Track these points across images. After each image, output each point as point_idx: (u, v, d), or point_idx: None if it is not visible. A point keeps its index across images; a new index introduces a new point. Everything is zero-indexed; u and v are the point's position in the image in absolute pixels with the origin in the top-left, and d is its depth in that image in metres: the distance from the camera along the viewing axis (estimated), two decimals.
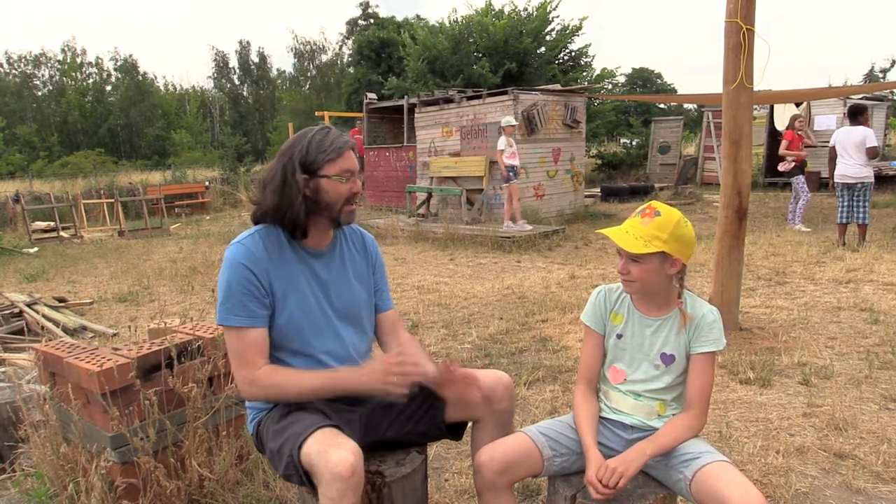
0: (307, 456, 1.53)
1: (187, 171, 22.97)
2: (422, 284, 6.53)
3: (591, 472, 1.58)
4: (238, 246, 1.74)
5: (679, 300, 1.72)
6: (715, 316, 1.70)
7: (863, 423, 2.91)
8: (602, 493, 1.53)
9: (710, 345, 1.67)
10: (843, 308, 4.82)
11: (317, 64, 44.28)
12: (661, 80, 40.70)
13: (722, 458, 1.57)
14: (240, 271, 1.70)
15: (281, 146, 1.81)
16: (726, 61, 4.10)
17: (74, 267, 9.08)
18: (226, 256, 1.75)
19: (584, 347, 1.85)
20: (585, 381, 1.83)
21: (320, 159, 1.72)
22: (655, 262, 1.64)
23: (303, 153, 1.72)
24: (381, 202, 14.69)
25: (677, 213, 1.67)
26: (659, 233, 1.62)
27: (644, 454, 1.60)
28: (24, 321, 5.34)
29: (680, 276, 1.70)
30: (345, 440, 1.54)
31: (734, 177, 4.18)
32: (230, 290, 1.70)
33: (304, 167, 1.72)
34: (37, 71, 44.47)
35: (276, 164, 1.76)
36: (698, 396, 1.68)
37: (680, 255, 1.65)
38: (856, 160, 7.29)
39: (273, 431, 1.70)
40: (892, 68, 30.66)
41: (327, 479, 1.46)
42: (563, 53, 19.71)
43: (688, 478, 1.55)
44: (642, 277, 1.66)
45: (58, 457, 2.27)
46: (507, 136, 9.47)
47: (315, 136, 1.74)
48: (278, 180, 1.72)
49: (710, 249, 6.43)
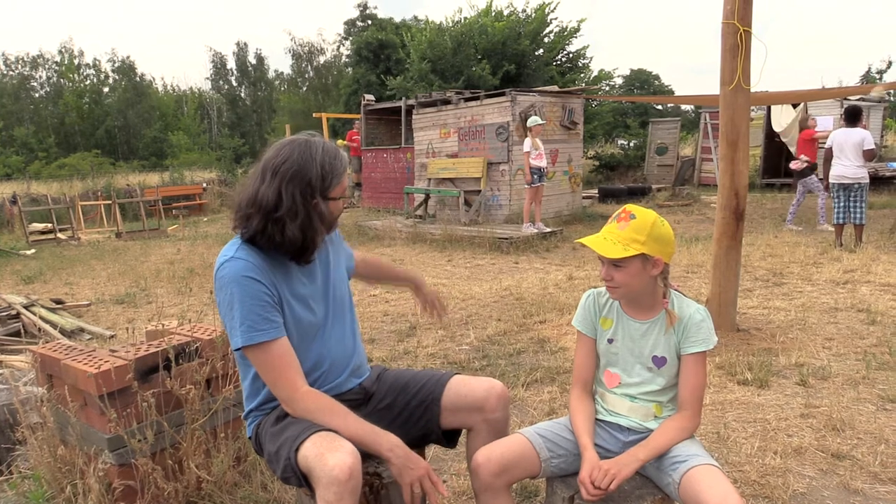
0: (304, 459, 1.52)
1: (185, 173, 22.95)
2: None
3: (584, 471, 1.59)
4: (235, 262, 1.64)
5: (665, 300, 1.72)
6: (703, 315, 1.69)
7: (860, 423, 2.92)
8: (592, 493, 1.54)
9: (700, 345, 1.67)
10: (840, 309, 4.83)
11: (315, 65, 44.27)
12: (658, 81, 40.75)
13: (709, 461, 1.56)
14: (249, 285, 1.62)
15: (272, 160, 1.66)
16: (723, 62, 4.11)
17: (72, 269, 9.06)
18: (224, 276, 1.63)
19: (577, 352, 1.86)
20: (580, 385, 1.83)
21: (333, 183, 1.68)
22: (637, 265, 1.64)
23: (318, 179, 1.65)
24: (378, 203, 14.69)
25: (653, 213, 1.67)
26: (636, 235, 1.63)
27: (637, 459, 1.60)
28: (21, 323, 5.32)
29: (664, 276, 1.70)
30: (342, 443, 1.53)
31: (731, 178, 4.19)
32: (246, 306, 1.60)
33: (320, 192, 1.66)
34: (34, 72, 44.45)
35: (287, 191, 1.63)
36: (691, 397, 1.68)
37: (660, 255, 1.65)
38: (853, 161, 7.32)
39: (271, 434, 1.69)
40: (888, 69, 30.74)
41: (325, 482, 1.45)
42: (562, 55, 19.76)
43: (676, 481, 1.56)
44: (626, 282, 1.66)
45: (55, 459, 2.27)
46: (535, 136, 9.06)
47: (322, 156, 1.66)
48: (303, 216, 1.64)
49: (707, 250, 6.44)
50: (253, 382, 1.79)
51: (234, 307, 1.61)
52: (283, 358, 1.64)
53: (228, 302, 1.63)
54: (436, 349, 4.34)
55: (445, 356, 4.18)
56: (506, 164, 10.83)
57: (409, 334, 4.76)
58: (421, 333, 4.76)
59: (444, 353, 4.24)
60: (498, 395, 1.84)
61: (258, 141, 43.14)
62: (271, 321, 1.63)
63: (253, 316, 1.61)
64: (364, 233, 10.77)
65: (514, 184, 10.73)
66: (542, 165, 9.20)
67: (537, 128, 9.10)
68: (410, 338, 4.67)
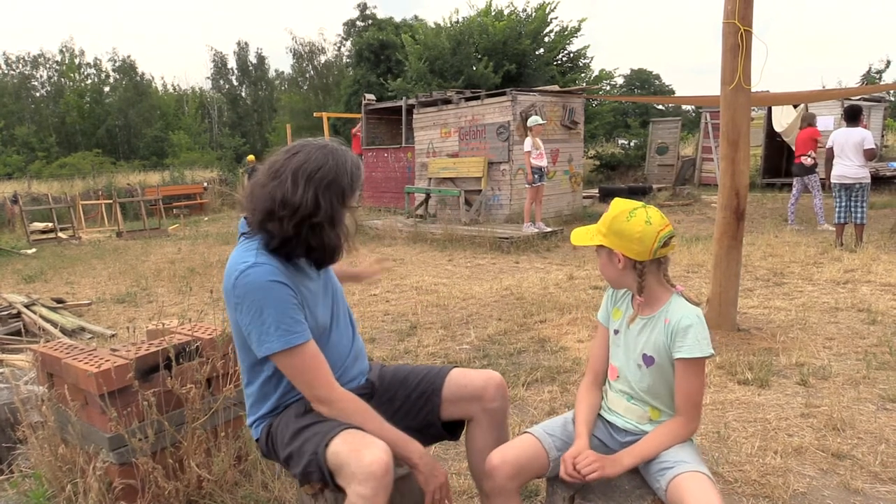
0: (335, 455, 1.52)
1: (186, 172, 22.97)
2: (420, 285, 6.53)
3: (570, 451, 1.61)
4: (261, 267, 1.59)
5: (672, 291, 1.70)
6: (691, 321, 1.61)
7: (861, 423, 2.92)
8: (570, 474, 1.56)
9: (684, 351, 1.60)
10: (840, 308, 4.83)
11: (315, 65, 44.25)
12: (659, 81, 40.77)
13: (697, 468, 1.54)
14: (277, 289, 1.59)
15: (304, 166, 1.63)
16: (724, 62, 4.11)
17: (73, 268, 9.07)
18: (250, 282, 1.58)
19: (593, 342, 1.89)
20: (591, 375, 1.85)
21: (357, 193, 1.71)
22: (604, 256, 1.71)
23: (349, 187, 1.67)
24: (379, 203, 14.69)
25: (625, 208, 1.63)
26: (601, 227, 1.68)
27: (621, 465, 1.60)
28: (22, 322, 5.33)
29: (639, 272, 1.64)
30: (374, 439, 1.54)
31: (732, 177, 4.19)
32: (279, 310, 1.58)
33: (347, 200, 1.68)
34: (35, 72, 44.42)
35: (325, 197, 1.62)
36: (684, 403, 1.65)
37: (621, 250, 1.63)
38: (854, 161, 7.32)
39: (292, 431, 1.68)
40: (887, 69, 30.70)
41: (360, 477, 1.45)
42: (562, 54, 19.73)
43: (663, 487, 1.56)
44: (601, 270, 1.75)
45: (56, 458, 2.27)
46: (535, 136, 9.06)
47: (351, 166, 1.68)
48: (339, 222, 1.66)
49: (708, 250, 6.44)
50: (262, 388, 1.77)
51: (264, 312, 1.58)
52: (316, 358, 1.64)
53: (258, 308, 1.58)
54: (436, 348, 4.34)
55: (446, 355, 4.18)
56: (506, 163, 10.83)
57: (410, 334, 4.76)
58: (422, 333, 4.76)
59: (445, 353, 4.24)
60: (496, 385, 1.86)
61: (259, 140, 43.12)
62: (303, 323, 1.63)
63: (287, 319, 1.59)
64: (365, 232, 10.77)
65: (515, 183, 10.73)
66: (543, 165, 9.20)
67: (538, 127, 9.09)
68: (411, 337, 4.67)
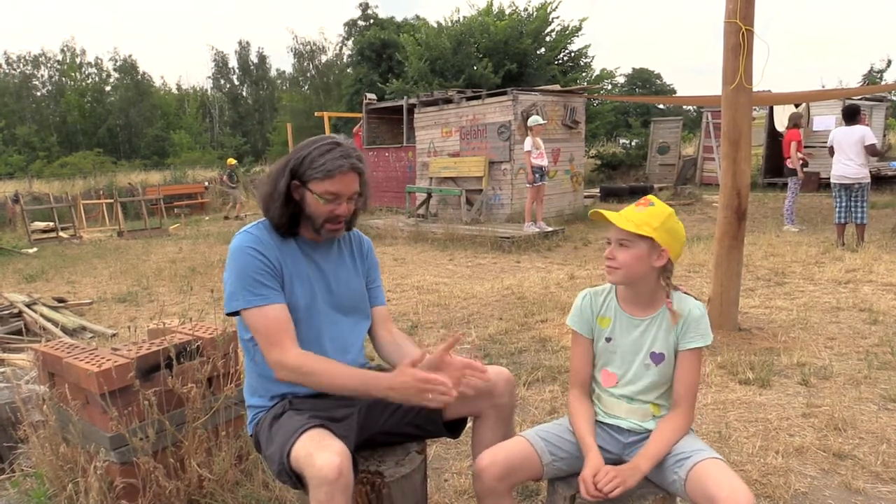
0: (296, 460, 1.53)
1: (187, 172, 22.99)
2: (421, 285, 6.53)
3: (587, 470, 1.58)
4: (244, 234, 1.77)
5: (668, 300, 1.72)
6: (701, 311, 1.70)
7: (862, 423, 2.92)
8: (593, 494, 1.53)
9: (698, 340, 1.68)
10: (842, 308, 4.82)
11: (316, 64, 44.26)
12: (660, 80, 40.73)
13: (713, 454, 1.57)
14: (250, 255, 1.72)
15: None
16: (725, 62, 4.10)
17: (73, 267, 9.07)
18: (232, 247, 1.75)
19: (574, 353, 1.85)
20: (578, 386, 1.82)
21: (308, 174, 1.73)
22: (644, 249, 1.64)
23: (297, 161, 1.74)
24: (380, 202, 14.69)
25: (671, 209, 1.70)
26: (651, 220, 1.64)
27: (640, 471, 1.59)
28: (23, 321, 5.33)
29: (667, 274, 1.70)
30: (331, 441, 1.52)
31: (733, 177, 4.18)
32: (243, 274, 1.70)
33: (293, 174, 1.75)
34: (36, 71, 44.50)
35: (280, 161, 1.81)
36: (686, 393, 1.68)
37: (668, 248, 1.65)
38: (854, 160, 7.28)
39: (267, 435, 1.70)
40: (888, 68, 30.68)
41: (315, 482, 1.45)
42: (563, 54, 19.73)
43: (682, 478, 1.55)
44: (628, 263, 1.65)
45: (57, 457, 2.27)
46: (535, 136, 9.07)
47: (316, 150, 1.74)
48: (273, 176, 1.78)
49: (709, 250, 6.43)
50: (259, 377, 1.82)
51: (234, 272, 1.72)
52: (279, 322, 1.70)
53: (231, 268, 1.73)
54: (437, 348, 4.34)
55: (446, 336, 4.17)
56: (507, 163, 10.82)
57: (411, 333, 4.76)
58: (422, 332, 4.76)
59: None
60: (506, 380, 1.86)
61: (260, 140, 43.19)
62: (266, 287, 1.71)
63: (248, 281, 1.70)
64: (366, 232, 10.73)
65: (516, 183, 10.73)
66: (544, 164, 9.19)
67: (538, 127, 9.09)
68: (412, 336, 4.66)
